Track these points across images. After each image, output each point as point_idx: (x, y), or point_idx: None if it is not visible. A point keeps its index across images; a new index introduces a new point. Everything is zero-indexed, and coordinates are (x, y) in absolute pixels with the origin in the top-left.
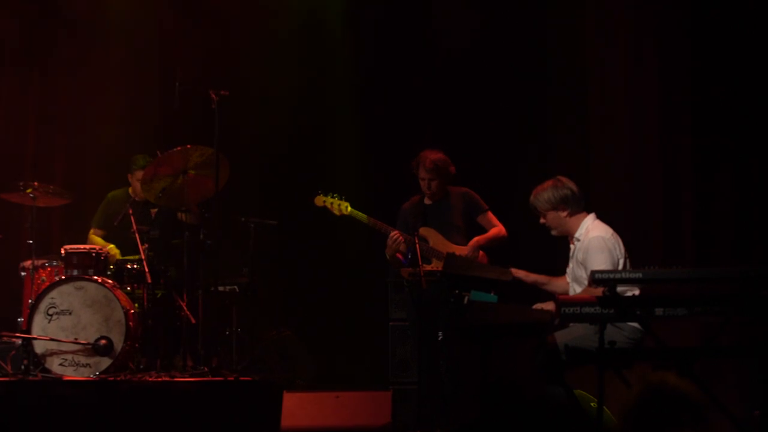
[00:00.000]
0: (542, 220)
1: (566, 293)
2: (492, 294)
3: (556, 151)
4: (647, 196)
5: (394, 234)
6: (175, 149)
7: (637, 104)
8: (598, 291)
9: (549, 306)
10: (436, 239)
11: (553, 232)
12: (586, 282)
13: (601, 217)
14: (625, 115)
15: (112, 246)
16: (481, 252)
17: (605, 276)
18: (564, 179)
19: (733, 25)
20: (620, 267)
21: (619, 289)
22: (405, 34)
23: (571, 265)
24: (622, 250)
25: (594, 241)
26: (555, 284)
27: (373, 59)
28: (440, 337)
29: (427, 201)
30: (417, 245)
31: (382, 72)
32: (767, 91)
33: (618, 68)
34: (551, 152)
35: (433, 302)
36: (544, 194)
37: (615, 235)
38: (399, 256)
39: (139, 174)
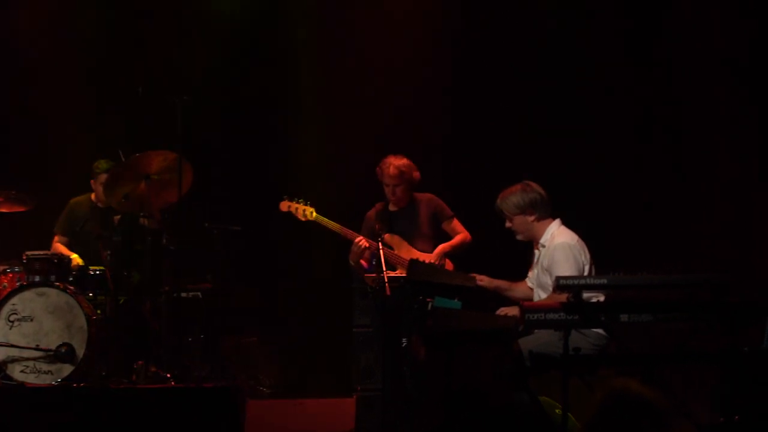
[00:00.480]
0: (508, 224)
1: (528, 299)
2: (456, 300)
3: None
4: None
5: (359, 240)
6: (137, 154)
7: None
8: (563, 297)
9: (514, 312)
10: (400, 246)
11: (519, 237)
12: (551, 288)
13: (566, 223)
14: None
15: (75, 256)
16: (446, 260)
17: (570, 282)
18: (532, 184)
19: None
20: (586, 273)
21: (585, 295)
22: (368, 32)
23: (535, 270)
24: (588, 257)
25: (559, 248)
26: (516, 290)
27: (337, 60)
28: (404, 344)
29: (392, 207)
30: (381, 251)
31: (348, 73)
32: None
33: None
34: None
35: (397, 309)
36: (512, 198)
37: (580, 241)
38: (363, 262)
39: (103, 177)
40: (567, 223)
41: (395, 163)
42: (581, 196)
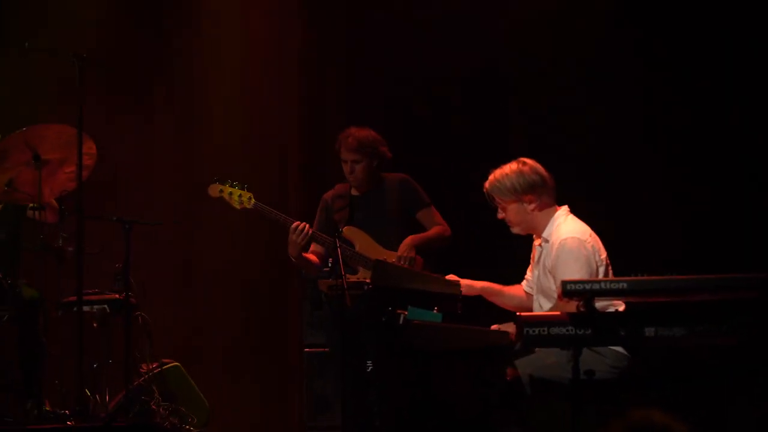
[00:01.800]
0: (500, 214)
1: (524, 308)
2: (435, 311)
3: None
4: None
5: (296, 224)
6: (22, 129)
7: None
8: (571, 306)
9: (508, 327)
10: (364, 242)
11: (514, 230)
12: (555, 295)
13: (575, 211)
14: None
15: None
16: (418, 257)
17: (580, 287)
18: (530, 162)
19: None
20: (600, 275)
21: (599, 304)
22: None
23: (535, 272)
24: (602, 255)
25: (567, 244)
26: (509, 296)
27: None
28: (369, 368)
29: (354, 192)
30: (339, 250)
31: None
32: None
33: None
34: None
35: (360, 323)
36: (505, 181)
37: (593, 235)
38: (310, 256)
39: None
40: (576, 212)
41: (356, 134)
42: (590, 181)
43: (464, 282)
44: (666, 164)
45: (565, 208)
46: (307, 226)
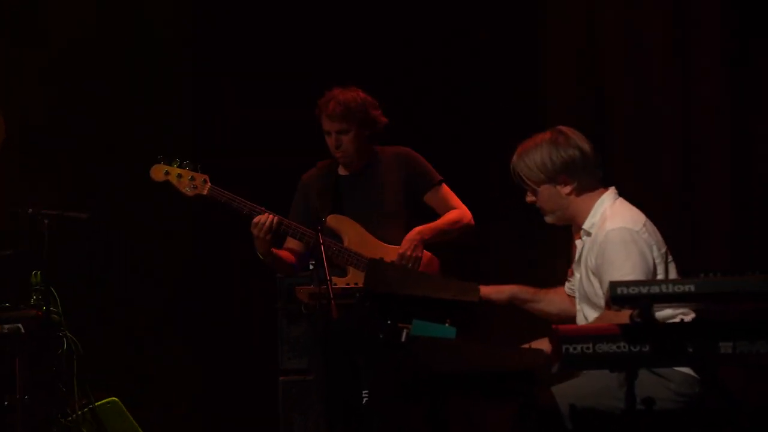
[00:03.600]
0: (530, 198)
1: (568, 316)
2: (447, 325)
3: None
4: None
5: (257, 219)
6: None
7: None
8: (623, 316)
9: (543, 344)
10: (355, 234)
11: (548, 219)
12: (601, 302)
13: (625, 194)
14: None
15: None
16: (427, 253)
17: (634, 290)
18: (569, 131)
19: None
20: (659, 275)
21: (659, 313)
22: None
23: (576, 274)
24: (663, 250)
25: (614, 236)
26: (547, 301)
27: None
28: (365, 400)
29: (342, 171)
30: (322, 246)
31: None
32: None
33: None
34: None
35: (351, 341)
36: (535, 154)
37: (649, 224)
38: (283, 254)
39: None
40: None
41: (340, 97)
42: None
43: (487, 288)
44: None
45: (612, 191)
46: (272, 217)
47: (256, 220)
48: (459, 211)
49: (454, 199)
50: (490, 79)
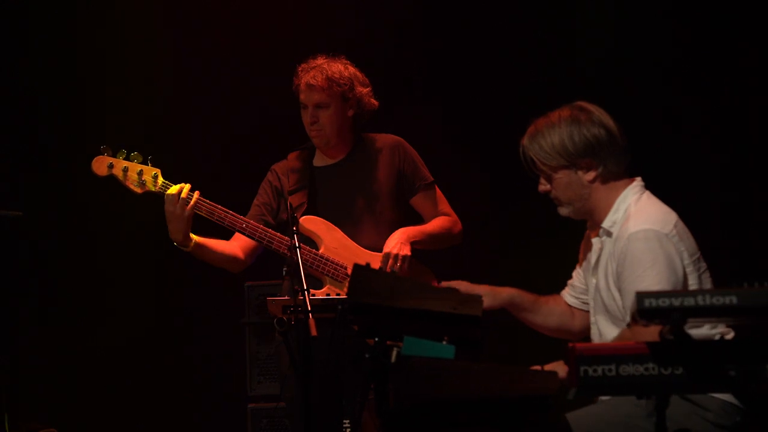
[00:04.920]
0: (543, 186)
1: (566, 333)
2: (445, 343)
3: None
4: None
5: (174, 189)
6: None
7: None
8: (651, 332)
9: (557, 367)
10: (331, 240)
11: (563, 211)
12: (625, 316)
13: (651, 187)
14: None
15: None
16: (417, 263)
17: (665, 302)
18: (591, 107)
19: None
20: (692, 283)
21: (694, 330)
22: None
23: (592, 280)
24: (695, 256)
25: (639, 239)
26: (547, 310)
27: None
28: (347, 430)
29: (318, 161)
30: (299, 251)
31: None
32: None
33: None
34: None
35: (332, 362)
36: (552, 134)
37: (681, 225)
38: (210, 242)
39: None
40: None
41: (324, 65)
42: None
43: (480, 290)
44: None
45: (638, 183)
46: (192, 191)
47: (170, 193)
48: (450, 219)
49: (446, 205)
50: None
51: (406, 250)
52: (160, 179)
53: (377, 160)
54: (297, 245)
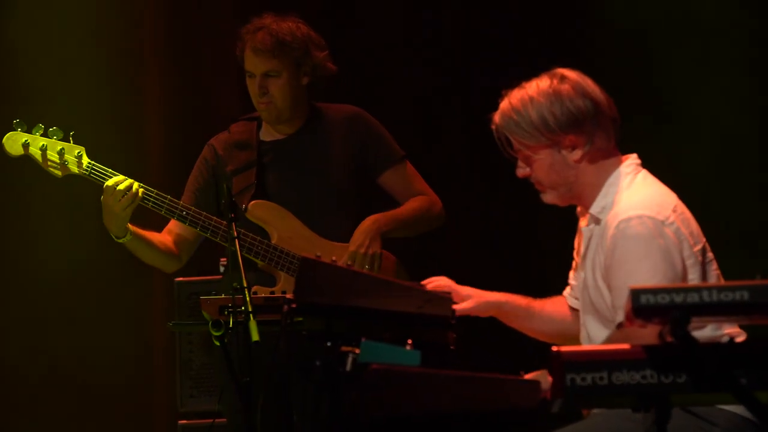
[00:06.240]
0: (522, 170)
1: (572, 340)
2: (409, 347)
3: None
4: None
5: (113, 181)
6: None
7: None
8: (648, 334)
9: (541, 375)
10: (285, 228)
11: (548, 197)
12: (615, 314)
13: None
14: None
15: None
16: (386, 253)
17: (664, 299)
18: (575, 76)
19: None
20: (694, 277)
21: (698, 331)
22: None
23: (581, 274)
24: (699, 244)
25: (630, 228)
26: (545, 315)
27: None
28: None
29: (266, 135)
30: (237, 242)
31: None
32: None
33: None
34: None
35: (279, 371)
36: (530, 109)
37: (681, 208)
38: (150, 235)
39: None
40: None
41: (273, 26)
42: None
43: (464, 292)
44: None
45: (632, 160)
46: (135, 184)
47: (110, 182)
48: (427, 198)
49: (419, 180)
50: None
51: (376, 247)
52: (85, 159)
53: (335, 134)
54: (234, 236)
